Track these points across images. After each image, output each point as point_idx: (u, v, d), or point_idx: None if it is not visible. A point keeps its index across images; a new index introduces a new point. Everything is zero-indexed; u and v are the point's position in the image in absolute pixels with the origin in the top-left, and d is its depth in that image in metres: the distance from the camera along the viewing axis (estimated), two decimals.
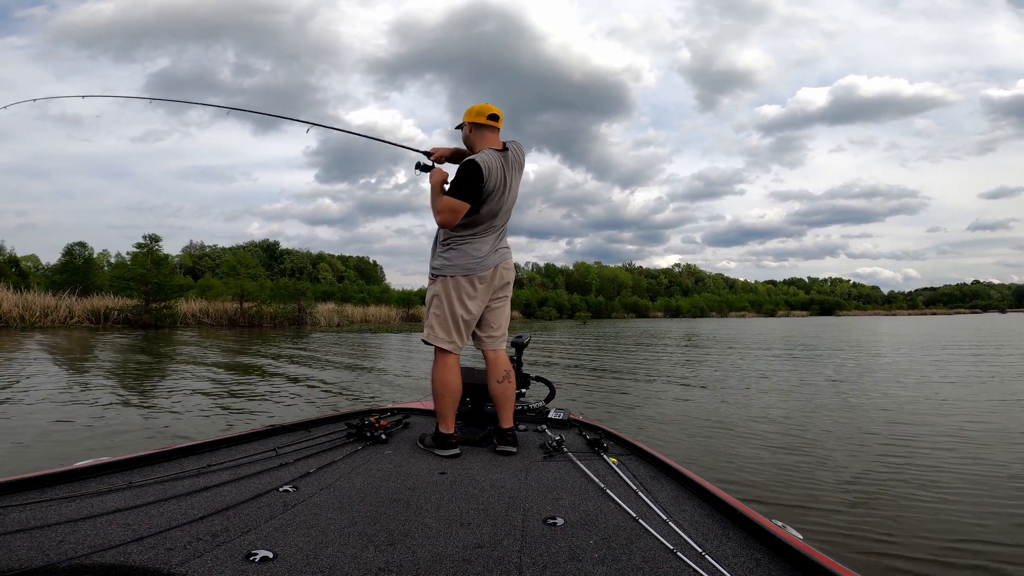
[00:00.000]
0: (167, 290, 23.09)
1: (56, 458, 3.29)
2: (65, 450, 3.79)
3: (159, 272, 23.33)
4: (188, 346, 13.86)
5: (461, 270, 2.24)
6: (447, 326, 2.25)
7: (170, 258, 32.03)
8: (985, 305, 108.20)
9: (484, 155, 2.20)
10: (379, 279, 68.44)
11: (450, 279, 2.25)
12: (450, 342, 2.26)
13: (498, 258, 2.30)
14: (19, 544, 1.19)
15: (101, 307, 21.87)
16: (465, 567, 1.21)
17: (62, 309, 21.00)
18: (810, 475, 3.43)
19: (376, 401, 5.82)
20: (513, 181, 2.30)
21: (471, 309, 2.27)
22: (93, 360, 10.03)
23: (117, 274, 25.67)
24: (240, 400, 6.14)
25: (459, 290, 2.25)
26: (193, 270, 52.06)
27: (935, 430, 4.64)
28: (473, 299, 2.26)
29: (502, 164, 2.23)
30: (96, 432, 4.42)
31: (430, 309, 2.30)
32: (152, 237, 24.20)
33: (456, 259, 2.25)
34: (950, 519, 2.72)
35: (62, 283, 22.96)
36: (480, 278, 2.26)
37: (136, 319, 21.60)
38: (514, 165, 2.30)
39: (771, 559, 1.24)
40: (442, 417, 2.22)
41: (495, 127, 2.32)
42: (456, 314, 2.25)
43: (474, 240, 2.26)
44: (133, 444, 4.04)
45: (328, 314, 30.33)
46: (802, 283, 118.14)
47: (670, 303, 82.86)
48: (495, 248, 2.31)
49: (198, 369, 8.94)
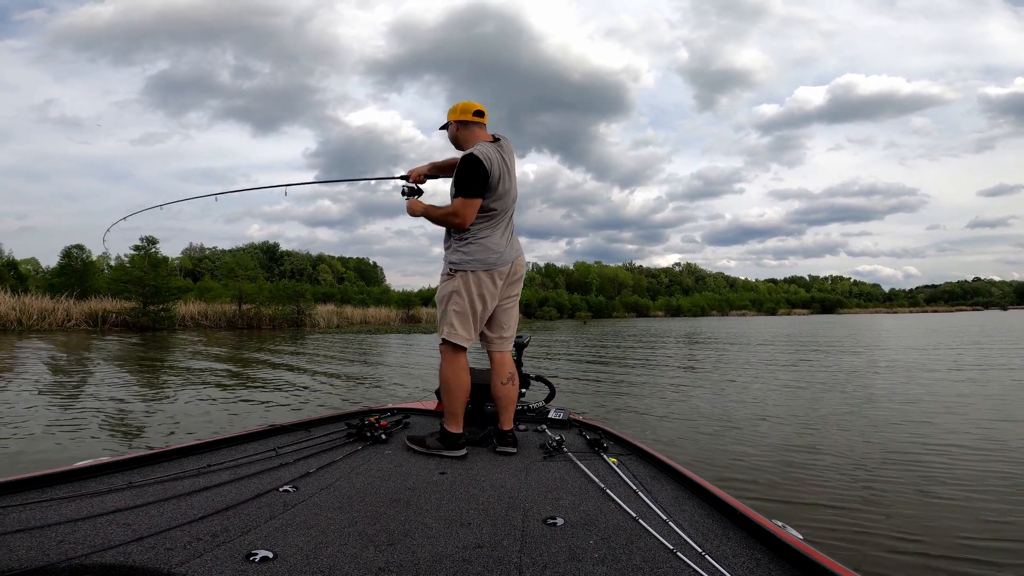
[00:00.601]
0: (165, 292, 23.01)
1: (49, 462, 3.26)
2: (56, 455, 3.73)
3: (156, 274, 23.24)
4: (183, 349, 13.83)
5: (482, 265, 2.20)
6: (467, 323, 2.20)
7: (170, 260, 31.97)
8: (987, 302, 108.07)
9: (480, 147, 2.19)
10: (379, 280, 68.47)
11: (471, 274, 2.20)
12: (468, 339, 2.22)
13: (513, 253, 2.28)
14: (19, 544, 1.19)
15: (99, 310, 21.81)
16: (465, 567, 1.20)
17: (59, 312, 20.96)
18: (811, 475, 3.42)
19: (372, 401, 5.82)
20: (513, 170, 2.31)
21: (489, 305, 2.24)
22: (82, 364, 9.93)
23: (115, 276, 25.58)
24: (233, 403, 6.11)
25: (480, 285, 2.20)
26: (193, 272, 52.07)
27: (938, 430, 4.63)
28: (493, 294, 2.24)
29: (499, 153, 2.22)
30: (84, 435, 4.40)
31: (449, 306, 2.22)
32: (149, 239, 24.09)
33: (476, 253, 2.20)
34: (951, 519, 2.71)
35: (60, 286, 22.92)
36: (500, 273, 2.23)
37: (134, 322, 21.58)
38: (510, 155, 2.30)
39: (771, 559, 1.23)
40: (452, 416, 2.18)
41: (482, 123, 2.32)
42: (476, 309, 2.21)
43: (492, 233, 2.22)
44: (133, 444, 4.04)
45: (327, 315, 30.32)
46: (803, 281, 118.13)
47: (671, 302, 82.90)
48: (509, 242, 2.28)
49: (193, 372, 8.92)
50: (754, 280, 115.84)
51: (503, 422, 2.28)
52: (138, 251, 23.94)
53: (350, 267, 68.81)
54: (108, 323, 21.67)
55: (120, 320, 21.69)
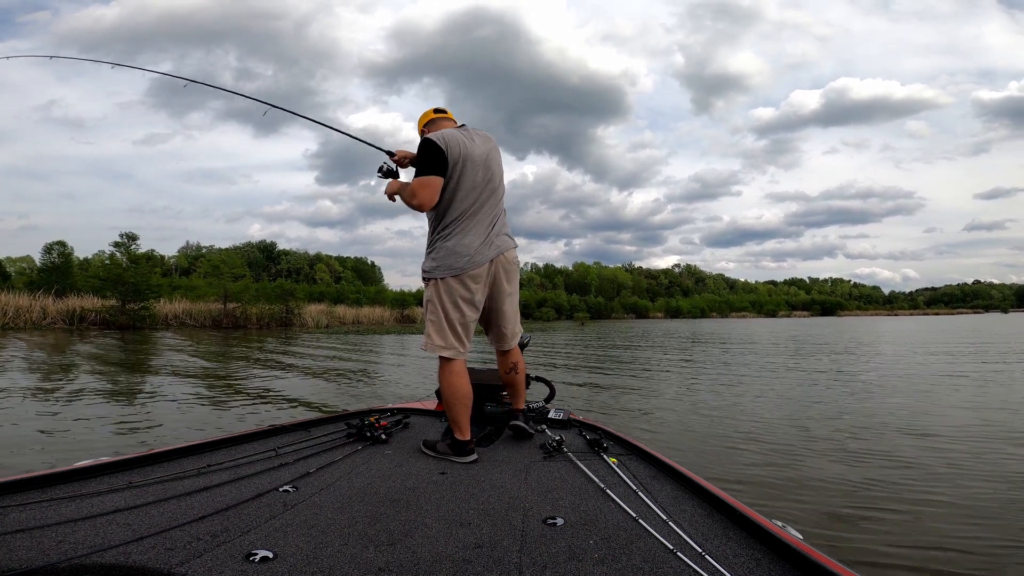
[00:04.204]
0: (144, 290, 22.37)
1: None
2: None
3: (135, 271, 22.64)
4: (155, 348, 13.48)
5: (450, 271, 2.10)
6: (444, 332, 2.13)
7: (164, 257, 31.65)
8: (987, 305, 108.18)
9: (437, 132, 2.17)
10: (377, 280, 68.41)
11: (440, 282, 2.12)
12: (449, 348, 2.13)
13: (493, 251, 2.16)
14: (19, 544, 1.19)
15: (76, 308, 21.26)
16: (465, 567, 1.20)
17: (36, 310, 20.45)
18: (811, 475, 3.42)
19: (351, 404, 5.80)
20: (488, 158, 2.20)
21: (466, 312, 2.15)
22: (22, 366, 9.13)
23: (92, 273, 24.98)
24: (197, 406, 5.95)
25: (451, 293, 2.12)
26: (188, 271, 52.02)
27: (940, 431, 4.63)
28: (468, 300, 2.14)
29: (462, 136, 2.14)
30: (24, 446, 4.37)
31: (426, 315, 2.18)
32: (129, 236, 23.58)
33: (444, 259, 2.11)
34: (952, 520, 2.71)
35: (40, 283, 22.53)
36: (473, 276, 2.12)
37: (112, 320, 21.02)
38: (482, 140, 2.21)
39: (771, 559, 1.23)
40: (457, 425, 2.10)
41: (446, 116, 2.36)
42: (452, 318, 2.12)
43: (463, 234, 2.12)
44: (132, 446, 4.03)
45: (317, 315, 29.91)
46: (803, 283, 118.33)
47: (670, 304, 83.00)
48: (487, 239, 2.15)
49: (149, 372, 8.70)
50: (754, 282, 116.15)
51: (516, 404, 2.44)
52: (118, 247, 23.59)
53: (348, 266, 68.82)
54: (86, 321, 20.99)
55: (99, 319, 21.06)
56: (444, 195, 2.13)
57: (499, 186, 2.25)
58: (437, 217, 2.18)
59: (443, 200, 2.13)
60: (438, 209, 2.16)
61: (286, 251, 66.13)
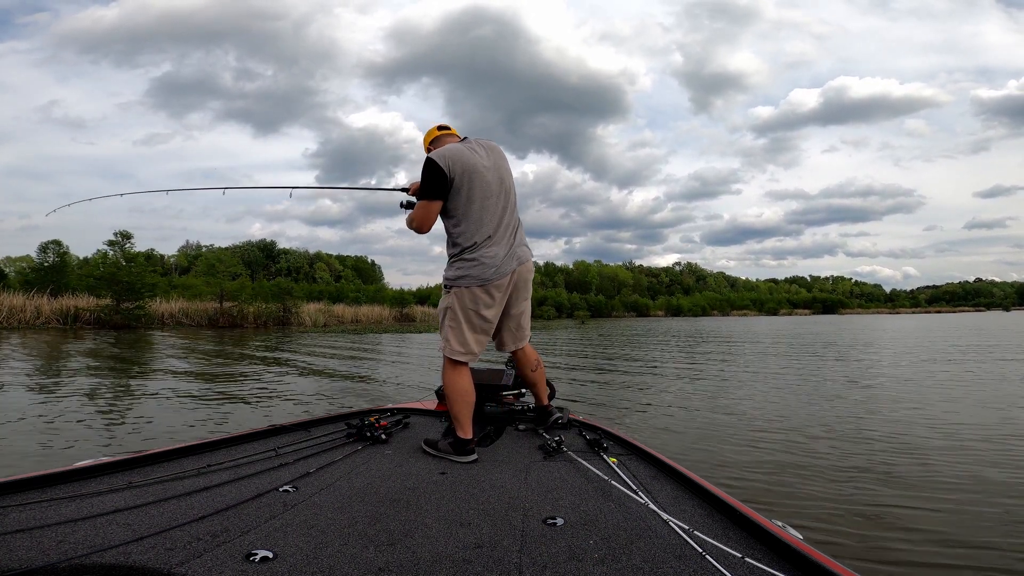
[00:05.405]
0: (139, 289, 22.08)
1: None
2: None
3: (129, 270, 22.38)
4: (151, 348, 13.44)
5: (476, 280, 2.17)
6: (463, 338, 2.20)
7: (164, 257, 31.62)
8: (988, 303, 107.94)
9: (439, 149, 2.19)
10: (377, 279, 68.44)
11: (465, 290, 2.18)
12: (468, 354, 2.21)
13: (515, 262, 2.24)
14: (19, 544, 1.19)
15: (70, 307, 21.02)
16: (465, 567, 1.20)
17: (29, 309, 20.25)
18: (811, 475, 3.42)
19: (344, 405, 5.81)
20: (498, 166, 2.25)
21: (488, 317, 2.23)
22: (15, 367, 8.96)
23: (86, 272, 24.74)
24: (197, 406, 6.04)
25: (476, 301, 2.19)
26: (188, 270, 52.07)
27: (941, 431, 4.62)
28: (490, 307, 2.22)
29: (465, 150, 2.18)
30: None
31: (444, 321, 2.24)
32: (123, 234, 23.21)
33: (470, 269, 2.18)
34: (952, 520, 2.71)
35: (35, 282, 22.36)
36: (497, 286, 2.20)
37: (107, 320, 20.80)
38: (487, 151, 2.24)
39: (771, 559, 1.23)
40: (459, 423, 2.16)
41: (449, 132, 2.38)
42: (473, 324, 2.21)
43: (489, 245, 2.18)
44: (131, 446, 4.03)
45: (315, 314, 29.77)
46: (804, 282, 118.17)
47: (671, 302, 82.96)
48: (511, 251, 2.23)
49: (131, 376, 8.68)
50: (755, 280, 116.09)
51: (539, 400, 2.56)
52: (112, 246, 23.18)
53: (348, 265, 68.86)
54: (80, 321, 20.75)
55: (93, 318, 20.83)
56: (459, 208, 2.18)
57: (512, 193, 2.32)
58: (458, 227, 2.22)
59: (460, 212, 2.19)
60: (456, 220, 2.21)
61: (286, 250, 66.23)
